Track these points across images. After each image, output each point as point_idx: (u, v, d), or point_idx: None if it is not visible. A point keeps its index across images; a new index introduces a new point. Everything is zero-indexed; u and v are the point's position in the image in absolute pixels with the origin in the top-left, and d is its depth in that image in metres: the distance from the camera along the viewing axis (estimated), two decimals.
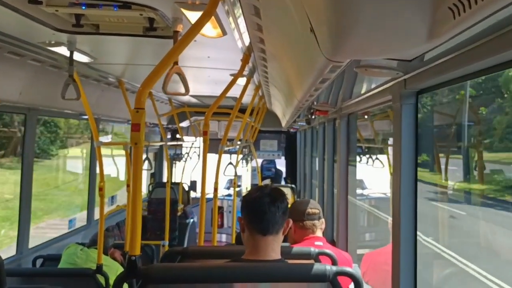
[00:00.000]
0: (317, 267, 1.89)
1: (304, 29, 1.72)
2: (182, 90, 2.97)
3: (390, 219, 2.65)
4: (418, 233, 2.16)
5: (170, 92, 2.87)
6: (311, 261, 2.40)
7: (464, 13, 1.05)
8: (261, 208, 2.08)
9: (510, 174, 4.48)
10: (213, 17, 2.51)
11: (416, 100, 2.13)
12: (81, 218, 6.72)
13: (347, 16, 1.26)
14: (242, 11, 2.36)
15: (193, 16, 2.59)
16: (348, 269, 1.94)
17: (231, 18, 2.67)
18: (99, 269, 3.98)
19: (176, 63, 2.70)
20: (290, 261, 2.21)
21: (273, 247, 2.10)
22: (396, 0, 1.17)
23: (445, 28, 1.18)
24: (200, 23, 2.09)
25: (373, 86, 3.03)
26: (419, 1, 1.17)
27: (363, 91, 3.44)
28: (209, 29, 2.92)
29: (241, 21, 2.64)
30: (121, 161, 9.33)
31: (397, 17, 1.22)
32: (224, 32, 3.06)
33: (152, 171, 10.24)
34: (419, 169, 2.17)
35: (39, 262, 4.63)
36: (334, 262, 2.46)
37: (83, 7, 2.76)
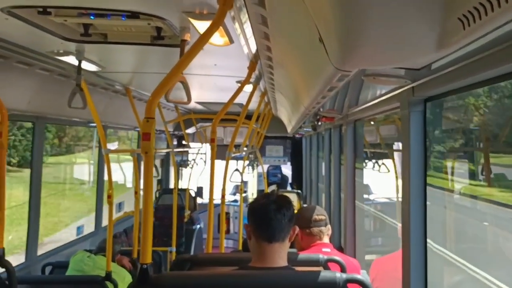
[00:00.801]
0: (327, 274, 1.89)
1: (312, 38, 1.74)
2: (185, 98, 2.99)
3: (399, 225, 2.65)
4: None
5: (172, 100, 2.89)
6: (320, 268, 2.40)
7: (474, 24, 1.06)
8: (267, 215, 2.09)
9: None
10: (220, 26, 2.53)
11: (425, 107, 2.14)
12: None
13: (357, 26, 1.28)
14: (249, 19, 2.38)
15: (201, 25, 2.61)
16: (358, 276, 1.95)
17: (237, 25, 2.69)
18: (108, 276, 4.00)
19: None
20: (298, 268, 2.22)
21: (280, 254, 2.10)
22: (405, 10, 1.18)
23: (455, 39, 1.19)
24: (208, 33, 2.11)
25: (379, 92, 3.04)
26: (428, 11, 1.18)
27: (369, 98, 3.44)
28: (217, 38, 2.94)
29: (248, 28, 2.65)
30: (125, 167, 9.38)
31: (406, 27, 1.24)
32: (231, 40, 3.07)
33: (159, 177, 10.27)
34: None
35: (48, 269, 4.65)
36: (343, 269, 2.46)
37: (92, 17, 2.78)
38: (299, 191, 10.06)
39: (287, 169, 12.80)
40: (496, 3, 0.92)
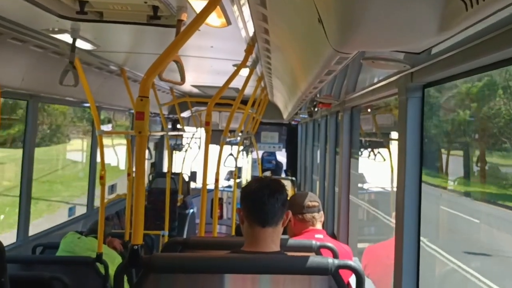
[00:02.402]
0: (319, 260, 1.88)
1: (311, 20, 1.70)
2: (179, 78, 2.95)
3: (393, 213, 2.64)
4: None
5: (166, 79, 2.85)
6: (312, 254, 2.39)
7: (477, 5, 1.04)
8: (260, 199, 2.07)
9: None
10: (218, 6, 2.49)
11: (423, 93, 2.12)
12: None
13: (357, 7, 1.25)
14: (248, 0, 2.34)
15: (197, 5, 2.57)
16: (350, 262, 1.94)
17: (235, 7, 2.65)
18: (99, 257, 3.99)
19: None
20: (290, 253, 2.20)
21: (273, 239, 2.09)
22: None
23: (457, 21, 1.16)
24: (205, 12, 2.07)
25: (377, 79, 3.01)
26: None
27: (367, 84, 3.42)
28: (214, 18, 2.89)
29: (246, 10, 2.61)
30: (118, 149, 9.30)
31: (408, 8, 1.21)
32: (228, 22, 3.03)
33: (152, 160, 10.24)
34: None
35: (38, 250, 4.63)
36: (335, 255, 2.46)
37: None
38: (293, 178, 10.06)
39: (282, 156, 12.81)
40: None
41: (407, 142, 2.13)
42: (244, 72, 3.98)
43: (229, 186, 10.35)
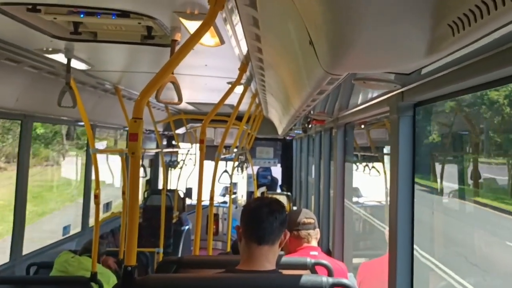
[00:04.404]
0: (313, 278, 1.88)
1: (302, 41, 1.73)
2: (176, 98, 2.96)
3: (387, 229, 2.65)
4: None
5: (163, 101, 2.88)
6: (307, 272, 2.39)
7: (464, 31, 1.06)
8: (259, 216, 2.08)
9: None
10: (211, 26, 2.52)
11: (414, 112, 2.14)
12: None
13: (347, 31, 1.27)
14: (241, 20, 2.37)
15: (191, 26, 2.59)
16: (344, 280, 1.94)
17: (228, 26, 2.68)
18: (94, 277, 3.96)
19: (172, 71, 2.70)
20: (285, 272, 2.20)
21: (268, 258, 2.09)
22: (395, 16, 1.18)
23: (444, 45, 1.19)
24: (199, 33, 2.09)
25: (370, 96, 3.04)
26: (419, 17, 1.18)
27: (360, 101, 3.45)
28: (208, 38, 2.92)
29: (239, 30, 2.64)
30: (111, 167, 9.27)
31: (396, 32, 1.23)
32: (222, 41, 3.06)
33: (147, 178, 10.22)
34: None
35: (33, 269, 4.59)
36: (330, 273, 2.46)
37: (81, 15, 2.75)
38: (288, 193, 10.06)
39: (277, 171, 12.81)
40: (485, 10, 0.92)
41: (399, 159, 2.15)
42: (239, 89, 4.01)
43: (225, 202, 10.32)
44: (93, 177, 4.98)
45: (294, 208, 9.57)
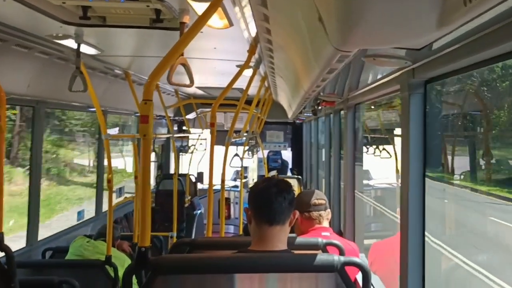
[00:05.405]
0: (325, 257, 1.89)
1: (311, 19, 1.72)
2: (187, 81, 2.96)
3: (398, 208, 2.65)
4: None
5: (175, 83, 2.88)
6: (319, 252, 2.40)
7: (476, 0, 1.05)
8: (267, 198, 2.09)
9: None
10: (219, 7, 2.50)
11: (425, 89, 2.12)
12: None
13: (356, 5, 1.26)
14: (249, 1, 2.35)
15: (199, 7, 2.59)
16: (356, 259, 1.94)
17: (237, 8, 2.66)
18: (108, 260, 4.01)
19: (181, 54, 2.69)
20: (297, 252, 2.21)
21: (280, 238, 2.10)
22: None
23: (456, 16, 1.17)
24: (207, 14, 2.08)
25: (380, 75, 3.02)
26: None
27: (370, 81, 3.42)
28: (216, 20, 2.91)
29: (247, 11, 2.62)
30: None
31: (406, 4, 1.22)
32: (230, 23, 3.05)
33: (159, 162, 10.29)
34: None
35: (48, 254, 4.66)
36: (341, 253, 2.47)
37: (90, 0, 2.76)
38: (299, 176, 10.06)
39: (287, 155, 12.81)
40: None
41: (410, 138, 2.14)
42: (248, 72, 3.99)
43: (236, 186, 10.36)
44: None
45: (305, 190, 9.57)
